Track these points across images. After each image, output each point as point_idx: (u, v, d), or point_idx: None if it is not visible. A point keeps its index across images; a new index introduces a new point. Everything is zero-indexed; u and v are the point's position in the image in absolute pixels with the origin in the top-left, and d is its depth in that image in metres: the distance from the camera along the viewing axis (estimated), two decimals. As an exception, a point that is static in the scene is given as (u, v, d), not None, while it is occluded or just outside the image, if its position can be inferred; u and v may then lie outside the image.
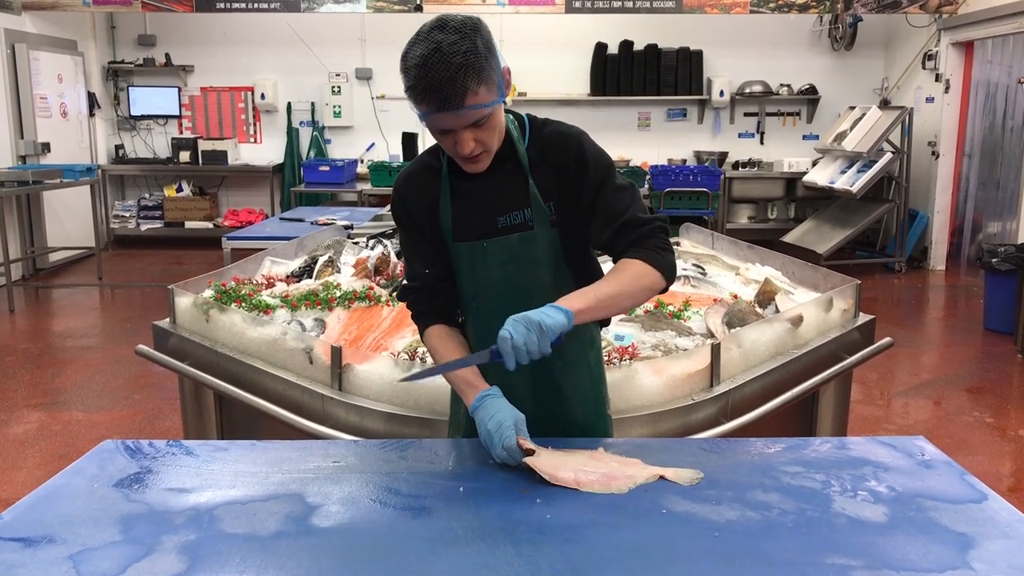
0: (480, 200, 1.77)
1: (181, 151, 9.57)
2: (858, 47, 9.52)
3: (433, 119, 1.59)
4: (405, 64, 1.56)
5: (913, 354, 5.88)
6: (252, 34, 9.57)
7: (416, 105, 1.58)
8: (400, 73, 1.58)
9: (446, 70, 1.51)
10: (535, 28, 9.34)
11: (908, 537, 1.37)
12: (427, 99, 1.55)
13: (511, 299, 1.71)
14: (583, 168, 1.73)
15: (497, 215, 1.76)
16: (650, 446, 1.80)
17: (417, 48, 1.54)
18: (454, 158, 1.70)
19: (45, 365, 5.56)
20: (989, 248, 6.27)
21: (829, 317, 2.84)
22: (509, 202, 1.75)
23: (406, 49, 1.57)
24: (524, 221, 1.75)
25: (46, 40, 8.57)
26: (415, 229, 1.83)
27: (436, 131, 1.63)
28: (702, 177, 8.57)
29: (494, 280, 1.78)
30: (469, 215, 1.77)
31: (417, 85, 1.54)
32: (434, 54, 1.52)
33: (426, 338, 1.85)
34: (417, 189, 1.81)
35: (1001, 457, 4.18)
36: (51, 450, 4.17)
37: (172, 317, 2.86)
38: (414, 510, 1.47)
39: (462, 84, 1.53)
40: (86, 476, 1.60)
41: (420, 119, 1.62)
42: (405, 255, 1.91)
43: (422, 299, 1.85)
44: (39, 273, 8.39)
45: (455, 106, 1.54)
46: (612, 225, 1.72)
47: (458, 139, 1.61)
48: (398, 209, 1.85)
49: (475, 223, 1.77)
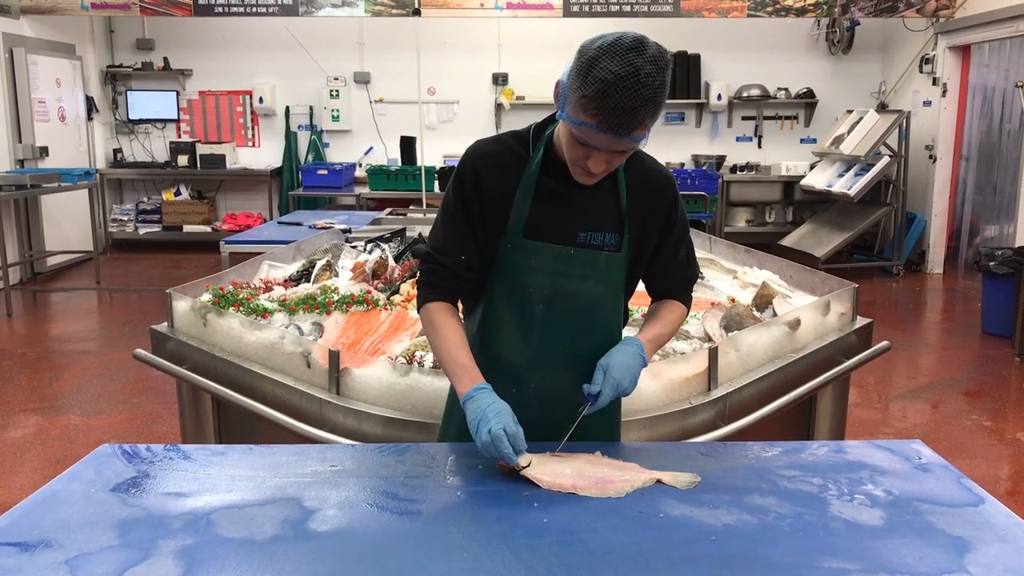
0: (566, 208, 1.75)
1: (179, 155, 9.57)
2: (855, 51, 9.54)
3: (591, 134, 1.55)
4: (590, 72, 1.50)
5: (911, 358, 5.89)
6: (250, 38, 9.58)
7: (580, 112, 1.53)
8: (574, 72, 1.54)
9: (634, 100, 1.49)
10: (533, 32, 9.35)
11: (905, 541, 1.37)
12: (601, 117, 1.51)
13: (580, 310, 1.77)
14: (672, 220, 1.84)
15: (579, 229, 1.75)
16: (647, 450, 1.81)
17: (612, 64, 1.48)
18: (572, 164, 1.67)
19: (43, 369, 5.55)
20: (986, 251, 6.28)
21: (827, 321, 2.84)
22: (595, 220, 1.76)
23: (594, 55, 1.51)
24: (603, 243, 1.76)
25: (44, 44, 8.58)
26: (474, 210, 1.76)
27: (578, 141, 1.58)
28: (700, 181, 8.58)
29: (569, 289, 1.76)
30: (549, 218, 1.74)
31: (598, 101, 1.49)
32: (630, 78, 1.48)
33: (431, 310, 1.79)
34: (495, 169, 1.75)
35: (999, 460, 4.18)
36: (48, 454, 4.17)
37: (170, 321, 2.86)
38: (411, 514, 1.47)
39: (641, 117, 1.52)
40: (83, 481, 1.60)
41: (567, 119, 1.58)
42: (445, 229, 1.81)
43: (444, 276, 1.79)
44: (37, 277, 8.39)
45: (624, 134, 1.53)
46: (676, 277, 1.91)
47: (595, 157, 1.60)
48: (467, 182, 1.76)
49: (554, 228, 1.74)
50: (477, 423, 1.60)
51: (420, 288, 1.84)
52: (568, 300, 1.76)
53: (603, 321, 1.81)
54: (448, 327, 1.76)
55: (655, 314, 1.91)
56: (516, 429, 1.60)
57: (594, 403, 1.69)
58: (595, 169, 1.62)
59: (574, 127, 1.56)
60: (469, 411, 1.63)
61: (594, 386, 1.69)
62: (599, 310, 1.80)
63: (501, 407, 1.62)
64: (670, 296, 1.92)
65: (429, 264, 1.81)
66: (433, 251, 1.81)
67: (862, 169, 8.17)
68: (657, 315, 1.90)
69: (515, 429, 1.59)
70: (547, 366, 1.79)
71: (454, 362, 1.72)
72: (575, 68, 1.55)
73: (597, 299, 1.79)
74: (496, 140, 1.81)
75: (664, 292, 1.93)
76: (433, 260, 1.80)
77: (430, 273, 1.81)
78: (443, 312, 1.79)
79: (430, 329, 1.79)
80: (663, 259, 1.87)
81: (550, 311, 1.76)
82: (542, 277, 1.75)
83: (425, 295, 1.82)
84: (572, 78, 1.55)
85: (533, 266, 1.75)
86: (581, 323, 1.78)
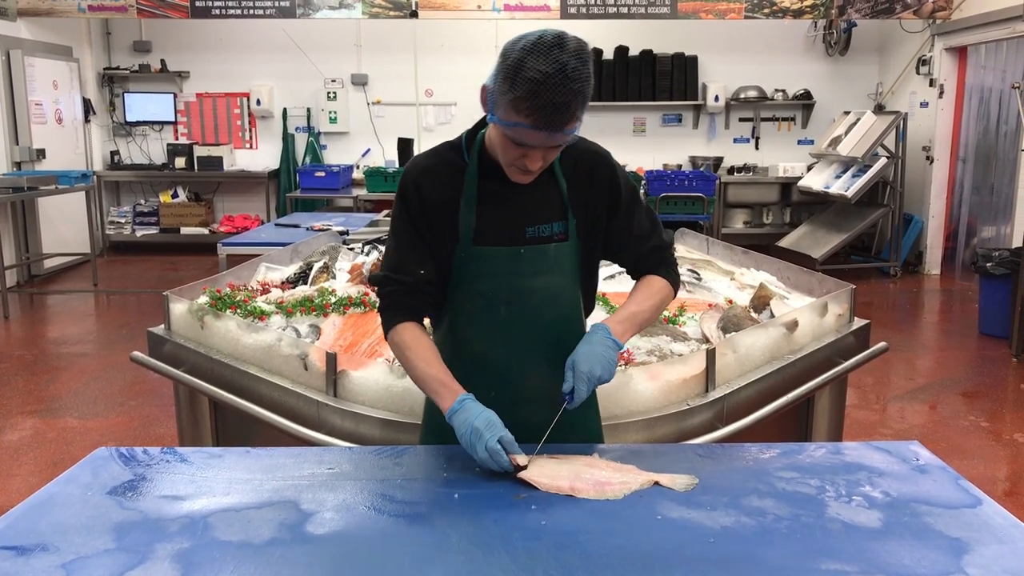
0: (510, 207, 1.76)
1: (176, 157, 9.57)
2: (852, 52, 9.56)
3: (525, 133, 1.56)
4: (518, 74, 1.51)
5: (908, 358, 5.89)
6: (247, 40, 9.58)
7: (512, 114, 1.55)
8: (500, 76, 1.55)
9: (564, 94, 1.51)
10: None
11: (903, 542, 1.37)
12: (534, 116, 1.53)
13: (540, 305, 1.78)
14: (616, 192, 1.83)
15: (527, 224, 1.76)
16: (645, 452, 1.80)
17: (538, 63, 1.50)
18: (508, 166, 1.68)
19: (40, 372, 5.54)
20: (984, 252, 6.29)
21: (824, 322, 2.84)
22: (540, 213, 1.77)
23: (519, 56, 1.52)
24: (552, 234, 1.77)
25: (41, 46, 8.57)
26: (423, 225, 1.76)
27: (512, 140, 1.60)
28: (697, 182, 8.59)
29: (525, 287, 1.77)
30: (496, 221, 1.75)
31: (530, 101, 1.51)
32: (558, 75, 1.50)
33: (400, 332, 1.77)
34: (437, 183, 1.76)
35: (996, 461, 4.19)
36: (45, 457, 4.16)
37: (167, 323, 2.86)
38: (409, 517, 1.47)
39: (573, 111, 1.54)
40: (80, 484, 1.59)
41: (499, 122, 1.59)
42: (397, 248, 1.80)
43: (406, 294, 1.78)
44: (34, 279, 8.37)
45: (557, 129, 1.55)
46: (640, 248, 1.88)
47: (531, 155, 1.62)
48: (411, 199, 1.76)
49: (502, 229, 1.75)
50: (470, 438, 1.59)
51: (384, 313, 1.81)
52: (527, 297, 1.77)
53: (565, 311, 1.82)
54: (420, 345, 1.75)
55: (631, 293, 1.88)
56: (509, 436, 1.61)
57: (571, 401, 1.69)
58: (532, 167, 1.65)
59: (508, 129, 1.58)
60: (457, 425, 1.62)
61: (566, 384, 1.68)
62: (559, 301, 1.81)
63: (490, 417, 1.62)
64: (647, 271, 1.89)
65: (389, 286, 1.79)
66: (390, 272, 1.79)
67: (859, 170, 8.18)
68: (632, 293, 1.87)
69: (509, 437, 1.60)
70: (520, 366, 1.80)
71: (432, 379, 1.71)
72: (501, 71, 1.56)
73: (555, 291, 1.79)
74: (431, 154, 1.81)
75: (639, 267, 1.90)
76: (392, 281, 1.79)
77: (392, 295, 1.79)
78: (412, 331, 1.77)
79: (402, 351, 1.77)
80: (621, 232, 1.85)
81: (512, 312, 1.77)
82: (498, 280, 1.76)
83: (390, 318, 1.79)
84: (499, 81, 1.56)
85: (488, 271, 1.76)
86: (544, 318, 1.79)
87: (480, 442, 1.58)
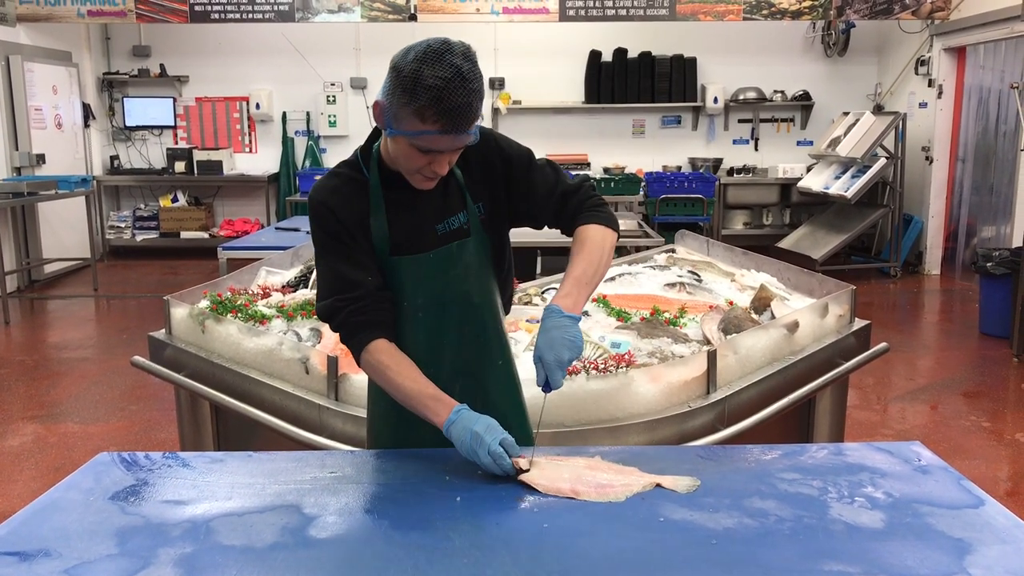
0: (417, 210, 1.77)
1: (176, 161, 9.57)
2: (851, 53, 9.56)
3: (432, 139, 1.58)
4: (417, 84, 1.53)
5: (909, 359, 5.89)
6: (247, 44, 9.58)
7: (417, 123, 1.56)
8: (397, 90, 1.56)
9: (465, 95, 1.54)
10: (529, 36, 9.36)
11: (905, 543, 1.37)
12: (440, 121, 1.55)
13: (455, 305, 1.79)
14: (507, 161, 1.82)
15: (435, 223, 1.78)
16: (647, 454, 1.81)
17: (435, 71, 1.53)
18: (413, 174, 1.69)
19: (41, 377, 5.54)
20: (984, 252, 6.29)
21: (825, 323, 2.84)
22: (445, 208, 1.79)
23: (414, 67, 1.54)
24: (460, 225, 1.80)
25: (41, 52, 8.57)
26: (349, 238, 1.73)
27: (419, 149, 1.61)
28: (697, 184, 8.59)
29: (438, 290, 1.78)
30: (407, 227, 1.76)
31: (435, 107, 1.53)
32: (456, 79, 1.53)
33: (373, 353, 1.72)
34: (346, 202, 1.74)
35: (998, 461, 4.18)
36: (47, 463, 4.16)
37: (168, 328, 2.86)
38: (411, 520, 1.47)
39: (474, 110, 1.58)
40: (82, 489, 1.59)
41: (403, 134, 1.59)
42: (334, 269, 1.75)
43: (365, 309, 1.72)
44: (34, 285, 8.37)
45: (463, 131, 1.58)
46: (552, 200, 1.84)
47: (438, 160, 1.64)
48: (327, 221, 1.73)
49: (414, 234, 1.77)
50: (472, 444, 1.60)
51: (350, 339, 1.74)
52: (440, 301, 1.78)
53: (479, 308, 1.82)
54: (400, 363, 1.72)
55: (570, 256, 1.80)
56: (510, 439, 1.62)
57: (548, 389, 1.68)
58: (441, 171, 1.67)
59: (414, 138, 1.59)
60: (457, 434, 1.62)
61: (539, 378, 1.67)
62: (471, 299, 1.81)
63: (489, 422, 1.63)
64: (574, 222, 1.84)
65: (345, 307, 1.73)
66: (337, 295, 1.73)
67: (859, 171, 8.18)
68: (571, 257, 1.79)
69: (510, 439, 1.62)
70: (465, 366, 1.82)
71: (422, 395, 1.68)
72: (397, 84, 1.57)
73: (465, 288, 1.80)
74: (331, 175, 1.80)
75: (563, 218, 1.86)
76: (345, 302, 1.72)
77: (351, 315, 1.73)
78: (386, 349, 1.73)
79: (382, 371, 1.72)
80: (528, 193, 1.84)
81: (429, 317, 1.79)
82: (419, 286, 1.78)
83: (359, 340, 1.73)
84: (397, 94, 1.57)
85: (408, 280, 1.77)
86: (459, 318, 1.80)
87: (482, 447, 1.58)
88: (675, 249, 4.06)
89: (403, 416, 1.75)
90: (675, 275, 3.37)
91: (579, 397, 2.11)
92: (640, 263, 3.68)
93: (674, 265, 3.59)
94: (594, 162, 9.73)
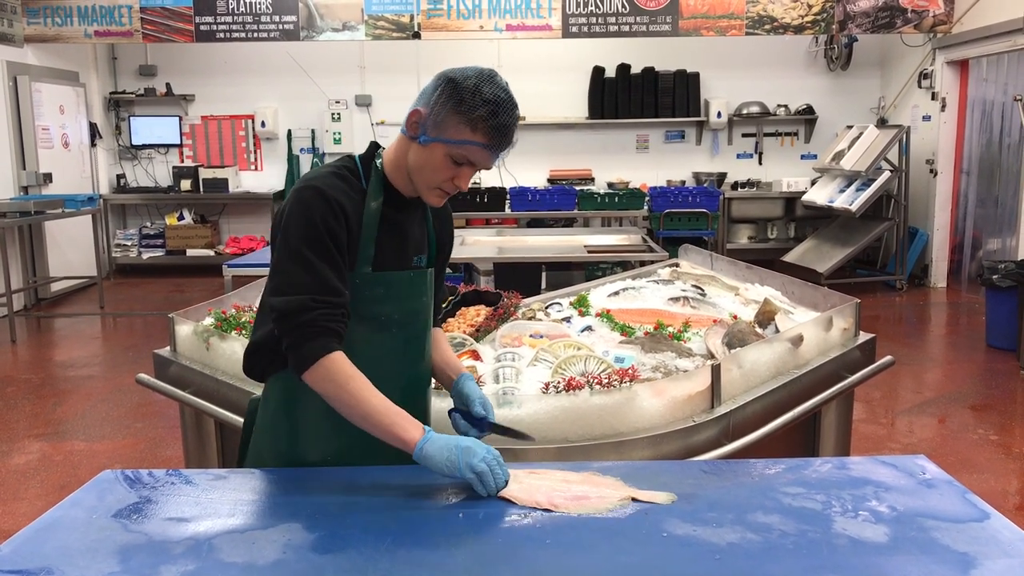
0: (405, 235, 1.84)
1: (182, 179, 9.63)
2: (854, 67, 9.59)
3: (473, 151, 1.68)
4: (476, 96, 1.64)
5: (916, 372, 5.87)
6: (252, 63, 9.65)
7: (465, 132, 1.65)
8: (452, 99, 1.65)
9: (513, 117, 1.69)
10: (533, 53, 9.41)
11: (910, 557, 1.37)
12: (489, 135, 1.66)
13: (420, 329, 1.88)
14: (451, 239, 2.04)
15: (414, 253, 1.87)
16: (651, 468, 1.80)
17: (494, 89, 1.66)
18: (430, 188, 1.75)
19: (46, 395, 5.55)
20: (989, 265, 6.27)
21: (830, 336, 2.83)
22: (420, 244, 1.90)
23: (474, 82, 1.65)
24: (424, 264, 1.91)
25: (48, 72, 8.65)
26: (340, 246, 1.70)
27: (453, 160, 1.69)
28: (701, 198, 8.60)
29: (413, 309, 1.85)
30: (391, 247, 1.80)
31: (489, 120, 1.65)
32: (509, 102, 1.68)
33: (336, 361, 1.64)
34: (350, 205, 1.73)
35: (1006, 475, 4.16)
36: (52, 481, 4.16)
37: (173, 345, 2.86)
38: (414, 537, 1.46)
39: (514, 135, 1.71)
40: (85, 507, 1.59)
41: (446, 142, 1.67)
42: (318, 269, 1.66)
43: (337, 317, 1.67)
44: (41, 303, 8.41)
45: (503, 149, 1.70)
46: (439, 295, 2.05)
47: (464, 174, 1.73)
48: (334, 219, 1.68)
49: (396, 256, 1.82)
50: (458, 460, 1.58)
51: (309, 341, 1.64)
52: (415, 320, 1.85)
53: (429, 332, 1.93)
54: (362, 376, 1.66)
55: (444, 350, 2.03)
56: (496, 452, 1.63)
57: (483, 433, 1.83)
58: (464, 185, 1.75)
59: (455, 147, 1.68)
60: (437, 450, 1.59)
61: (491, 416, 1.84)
62: (429, 324, 1.92)
63: (472, 438, 1.68)
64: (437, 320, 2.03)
65: (320, 309, 1.65)
66: (317, 295, 1.65)
67: (863, 184, 8.18)
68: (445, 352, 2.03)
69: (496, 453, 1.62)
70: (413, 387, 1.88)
71: (391, 412, 1.64)
72: (452, 94, 1.66)
73: (427, 314, 1.90)
74: (334, 175, 1.75)
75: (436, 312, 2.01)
76: (321, 303, 1.65)
77: (324, 319, 1.65)
78: (349, 362, 1.66)
79: (345, 380, 1.64)
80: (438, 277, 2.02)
81: (407, 334, 1.84)
82: (394, 303, 1.80)
83: (325, 345, 1.64)
84: (452, 103, 1.66)
85: (383, 295, 1.79)
86: (421, 340, 1.89)
87: (475, 458, 1.58)
88: (679, 263, 4.06)
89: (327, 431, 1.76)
90: (679, 289, 3.37)
91: (583, 412, 2.10)
92: (644, 277, 3.67)
93: (678, 279, 3.59)
94: (598, 177, 9.76)
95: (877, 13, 8.27)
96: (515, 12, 8.36)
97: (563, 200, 8.26)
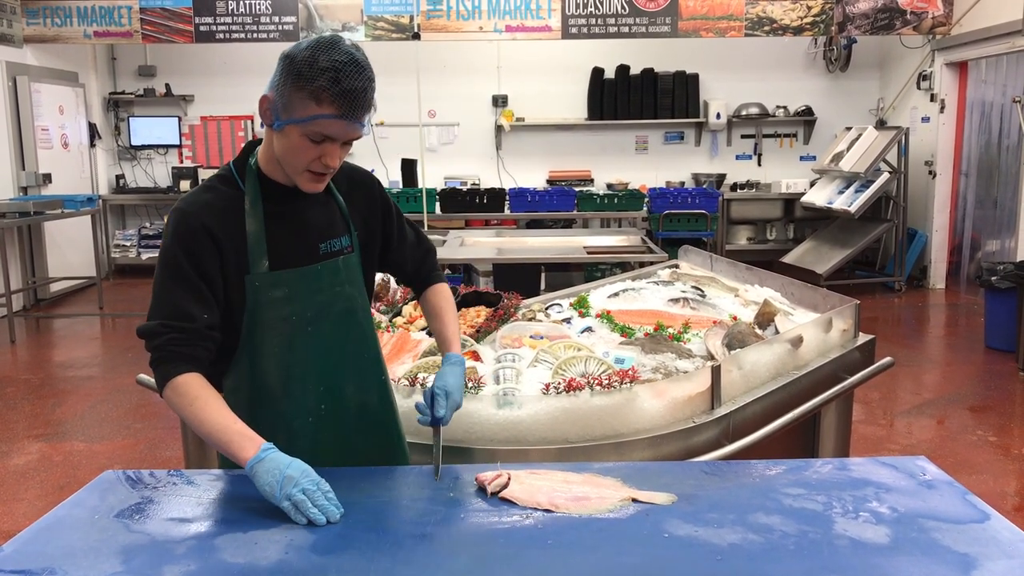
0: (299, 226, 1.76)
1: (182, 180, 9.61)
2: (853, 68, 9.60)
3: (326, 124, 1.59)
4: (312, 67, 1.56)
5: (915, 373, 5.88)
6: (251, 64, 9.64)
7: (312, 107, 1.57)
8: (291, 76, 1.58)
9: (361, 80, 1.58)
10: (532, 54, 9.41)
11: (911, 558, 1.37)
12: (336, 102, 1.56)
13: (342, 320, 1.82)
14: (388, 208, 1.97)
15: (319, 241, 1.79)
16: (651, 469, 1.80)
17: (331, 55, 1.56)
18: (302, 173, 1.67)
19: (46, 396, 5.55)
20: (988, 266, 6.28)
21: (829, 337, 2.84)
22: (328, 230, 1.81)
23: (308, 54, 1.57)
24: (343, 248, 1.83)
25: (47, 72, 8.64)
26: (209, 266, 1.66)
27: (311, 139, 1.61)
28: (700, 199, 8.61)
29: (326, 303, 1.78)
30: (288, 242, 1.74)
31: (332, 88, 1.55)
32: (351, 63, 1.57)
33: (182, 383, 1.62)
34: (222, 219, 1.68)
35: (1005, 476, 4.16)
36: (52, 481, 4.16)
37: (173, 346, 2.86)
38: (417, 537, 1.47)
39: (369, 98, 1.61)
40: (87, 507, 1.60)
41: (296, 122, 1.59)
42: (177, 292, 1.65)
43: (188, 342, 1.64)
44: (40, 303, 8.40)
45: (357, 117, 1.60)
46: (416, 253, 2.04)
47: (330, 151, 1.64)
48: (198, 240, 1.65)
49: (297, 249, 1.75)
50: (277, 486, 1.52)
51: (161, 365, 1.64)
52: (328, 314, 1.79)
53: (362, 323, 1.88)
54: (210, 395, 1.63)
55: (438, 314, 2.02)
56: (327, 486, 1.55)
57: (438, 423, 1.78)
58: (332, 163, 1.66)
59: (306, 125, 1.59)
60: (261, 474, 1.53)
61: (439, 410, 1.76)
62: (356, 314, 1.85)
63: (303, 467, 1.55)
64: (425, 277, 2.06)
65: (169, 334, 1.63)
66: (168, 320, 1.64)
67: (862, 185, 8.19)
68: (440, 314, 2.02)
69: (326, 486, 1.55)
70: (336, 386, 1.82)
71: (229, 430, 1.59)
72: (290, 72, 1.59)
73: (351, 303, 1.83)
74: (206, 189, 1.74)
75: (417, 273, 2.06)
76: (171, 329, 1.63)
77: (172, 344, 1.63)
78: (198, 381, 1.64)
79: (189, 401, 1.61)
80: (399, 243, 1.99)
81: (318, 331, 1.78)
82: (299, 302, 1.75)
83: (170, 369, 1.63)
84: (291, 81, 1.59)
85: (288, 295, 1.73)
86: (347, 332, 1.83)
87: (295, 487, 1.51)
88: (679, 264, 4.06)
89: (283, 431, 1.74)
90: (679, 290, 3.38)
91: (583, 413, 2.10)
92: (644, 279, 3.68)
93: (678, 280, 3.60)
94: (597, 178, 9.76)
95: (876, 15, 8.28)
96: (515, 13, 8.37)
97: (562, 201, 8.27)
